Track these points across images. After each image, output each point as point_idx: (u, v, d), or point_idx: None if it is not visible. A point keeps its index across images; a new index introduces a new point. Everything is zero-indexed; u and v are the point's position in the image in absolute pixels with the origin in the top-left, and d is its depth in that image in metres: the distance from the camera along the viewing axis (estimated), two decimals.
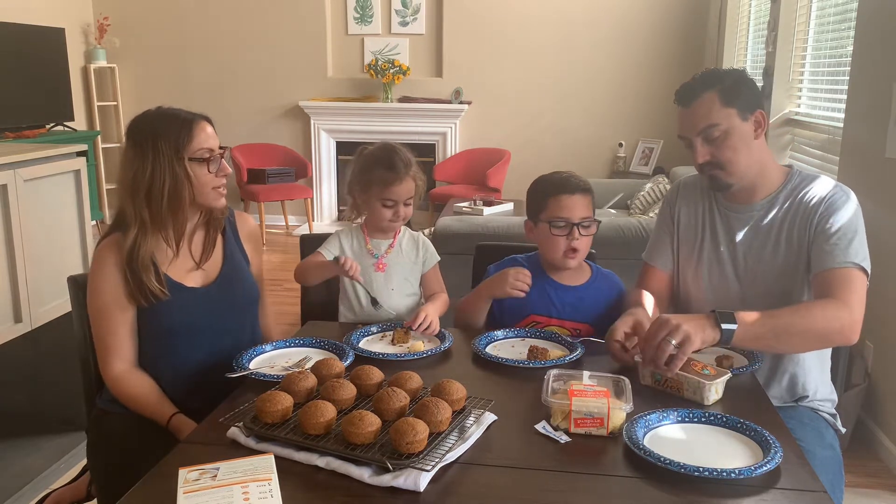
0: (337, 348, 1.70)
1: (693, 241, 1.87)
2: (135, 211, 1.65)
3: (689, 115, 1.71)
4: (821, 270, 1.65)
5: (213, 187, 1.71)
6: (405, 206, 1.96)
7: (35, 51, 5.63)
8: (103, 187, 6.66)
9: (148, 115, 1.73)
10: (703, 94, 1.69)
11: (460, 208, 4.74)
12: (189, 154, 1.67)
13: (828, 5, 3.83)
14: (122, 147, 1.73)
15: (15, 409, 2.86)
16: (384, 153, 1.97)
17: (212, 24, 6.65)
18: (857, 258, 1.63)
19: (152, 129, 1.67)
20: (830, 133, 3.50)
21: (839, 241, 1.64)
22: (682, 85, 1.76)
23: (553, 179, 1.93)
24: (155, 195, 1.64)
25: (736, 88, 1.69)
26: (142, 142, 1.66)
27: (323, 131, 6.67)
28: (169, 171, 1.64)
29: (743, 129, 1.69)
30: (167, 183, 1.64)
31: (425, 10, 6.49)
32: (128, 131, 1.72)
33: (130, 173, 1.66)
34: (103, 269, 1.66)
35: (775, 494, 1.16)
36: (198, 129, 1.69)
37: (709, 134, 1.69)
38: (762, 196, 1.77)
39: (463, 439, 1.28)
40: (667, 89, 7.10)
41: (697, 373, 1.48)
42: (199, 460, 1.10)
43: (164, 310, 1.68)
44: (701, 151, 1.71)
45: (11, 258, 2.75)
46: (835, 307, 1.58)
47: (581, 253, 1.90)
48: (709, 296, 1.83)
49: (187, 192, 1.66)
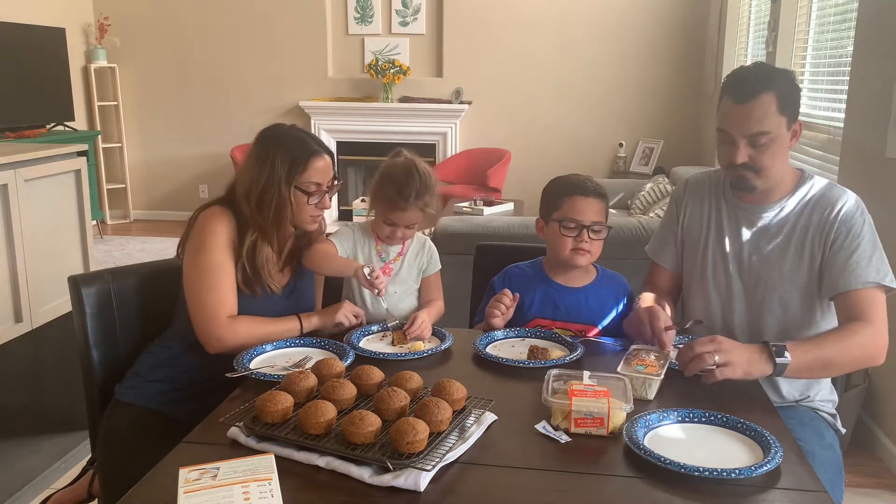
0: (337, 348, 1.71)
1: (698, 238, 1.86)
2: (251, 214, 1.79)
3: (743, 114, 1.64)
4: (845, 291, 1.65)
5: (310, 214, 1.84)
6: (406, 230, 1.94)
7: (35, 51, 5.63)
8: (104, 187, 6.66)
9: (280, 130, 1.86)
10: (762, 94, 1.62)
11: (460, 208, 4.74)
12: (297, 182, 1.79)
13: (828, 5, 3.83)
14: (250, 148, 1.86)
15: (15, 409, 2.86)
16: (402, 174, 1.90)
17: (212, 24, 6.65)
18: (879, 276, 1.64)
19: (276, 147, 1.80)
20: (830, 133, 3.50)
21: (860, 260, 1.64)
22: (735, 76, 1.69)
23: (569, 180, 1.93)
24: (265, 205, 1.79)
25: (790, 94, 1.65)
26: (264, 154, 1.80)
27: (323, 131, 6.67)
28: (277, 190, 1.78)
29: (785, 139, 1.67)
30: (275, 199, 1.78)
31: (425, 10, 6.49)
32: (258, 138, 1.85)
33: (249, 178, 1.80)
34: (217, 233, 1.77)
35: (775, 494, 1.16)
36: (313, 162, 1.80)
37: (757, 140, 1.64)
38: (775, 198, 1.76)
39: (463, 439, 1.28)
40: (667, 89, 7.11)
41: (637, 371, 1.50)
42: (199, 460, 1.10)
43: (246, 302, 1.78)
44: (742, 152, 1.66)
45: (12, 258, 2.76)
46: (872, 334, 1.61)
47: (591, 255, 1.89)
48: (712, 294, 1.83)
49: (288, 212, 1.81)
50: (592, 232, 1.87)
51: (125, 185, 6.87)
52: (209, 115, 6.65)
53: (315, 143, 1.84)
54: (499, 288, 1.99)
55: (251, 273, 1.79)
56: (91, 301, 1.83)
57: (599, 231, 1.88)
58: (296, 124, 1.90)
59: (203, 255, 1.76)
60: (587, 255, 1.89)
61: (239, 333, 1.73)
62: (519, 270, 2.01)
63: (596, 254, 1.91)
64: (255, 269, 1.79)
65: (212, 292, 1.74)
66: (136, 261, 1.77)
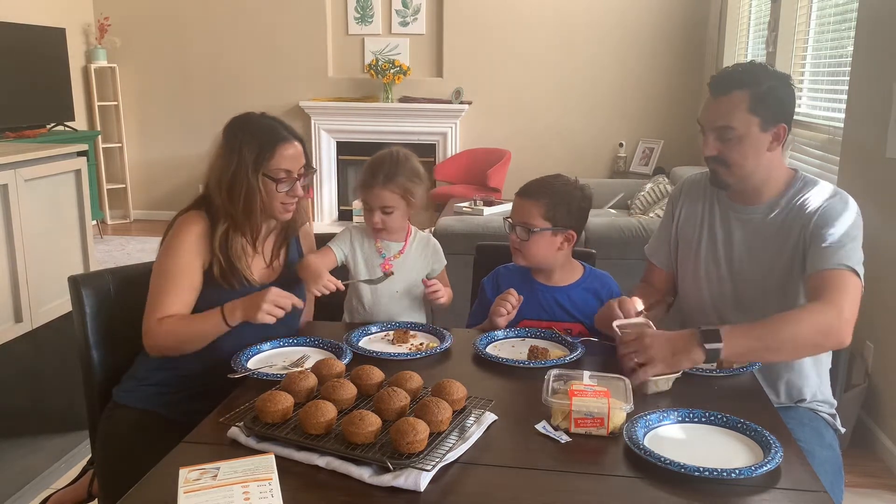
0: (334, 347, 1.71)
1: (691, 238, 1.87)
2: (223, 205, 1.77)
3: (713, 107, 1.69)
4: (813, 272, 1.63)
5: (280, 202, 1.79)
6: (384, 215, 1.94)
7: (36, 51, 5.63)
8: (104, 187, 6.66)
9: (247, 118, 1.83)
10: (734, 91, 1.65)
11: (460, 208, 4.74)
12: (265, 170, 1.76)
13: (828, 5, 3.83)
14: (218, 139, 1.82)
15: (15, 409, 2.86)
16: (379, 157, 1.96)
17: (212, 24, 6.65)
18: (850, 261, 1.60)
19: (243, 136, 1.77)
20: (831, 133, 3.50)
21: (832, 245, 1.63)
22: (720, 71, 1.74)
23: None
24: (234, 195, 1.75)
25: (768, 96, 1.65)
26: (232, 142, 1.77)
27: (323, 131, 6.67)
28: (246, 178, 1.75)
29: (759, 139, 1.67)
30: (244, 189, 1.75)
31: (425, 10, 6.49)
32: (226, 128, 1.81)
33: (218, 168, 1.78)
34: (186, 237, 1.75)
35: (775, 494, 1.16)
36: (281, 149, 1.77)
37: (723, 134, 1.67)
38: (766, 199, 1.76)
39: (463, 439, 1.28)
40: (667, 89, 7.11)
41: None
42: (199, 460, 1.10)
43: (226, 297, 1.74)
44: (710, 145, 1.70)
45: (12, 258, 2.76)
46: (822, 310, 1.55)
47: (522, 253, 1.89)
48: (705, 295, 1.83)
49: (258, 201, 1.76)
50: (518, 229, 1.88)
51: (125, 185, 6.87)
52: (209, 115, 6.63)
53: (284, 130, 1.80)
54: (489, 288, 2.00)
55: (226, 265, 1.75)
56: (91, 301, 1.83)
57: (521, 232, 1.87)
58: (266, 112, 1.85)
59: (161, 259, 1.76)
60: (518, 254, 1.90)
61: (160, 333, 1.70)
62: (506, 270, 2.02)
63: (528, 255, 1.89)
64: (228, 259, 1.76)
65: (154, 296, 1.73)
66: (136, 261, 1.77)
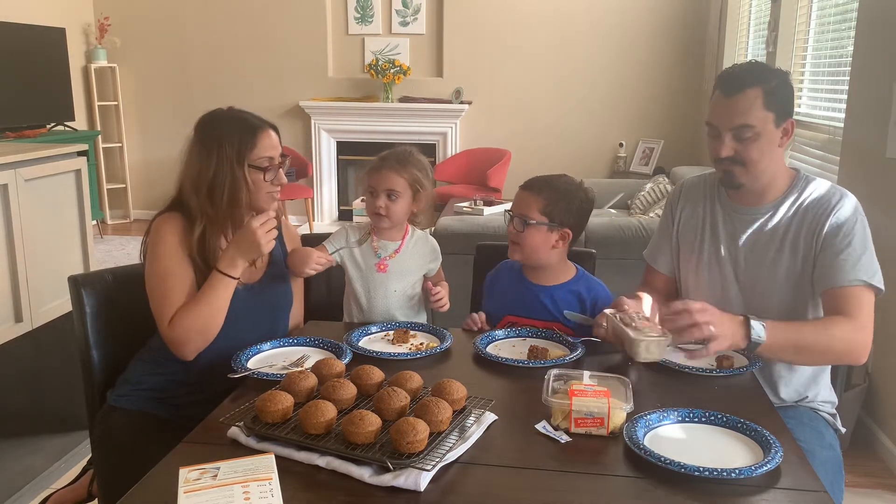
0: (334, 347, 1.71)
1: (693, 241, 1.86)
2: (199, 206, 1.73)
3: (728, 107, 1.67)
4: (831, 287, 1.64)
5: (267, 192, 1.78)
6: (388, 200, 1.95)
7: (36, 51, 5.63)
8: (104, 187, 6.66)
9: (218, 114, 1.80)
10: (748, 89, 1.65)
11: (460, 208, 4.74)
12: (250, 161, 1.74)
13: (828, 5, 3.82)
14: (190, 140, 1.79)
15: (15, 409, 2.86)
16: (392, 149, 2.01)
17: (212, 24, 6.65)
18: (867, 275, 1.63)
19: (219, 131, 1.75)
20: (831, 133, 3.50)
21: (848, 258, 1.63)
22: (727, 71, 1.73)
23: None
24: (216, 193, 1.73)
25: (779, 92, 1.66)
26: (208, 142, 1.74)
27: (323, 131, 6.67)
28: (230, 173, 1.72)
29: (773, 135, 1.67)
30: (227, 184, 1.72)
31: (426, 10, 6.48)
32: (197, 127, 1.78)
33: (195, 169, 1.74)
34: (170, 237, 1.72)
35: (775, 494, 1.16)
36: (261, 137, 1.76)
37: (741, 133, 1.66)
38: (769, 199, 1.76)
39: (463, 439, 1.28)
40: (667, 89, 7.11)
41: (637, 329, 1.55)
42: (199, 460, 1.10)
43: None
44: (728, 146, 1.68)
45: (12, 258, 2.76)
46: (852, 329, 1.60)
47: (517, 246, 1.91)
48: (708, 298, 1.82)
49: (244, 194, 1.74)
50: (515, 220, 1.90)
51: (125, 185, 6.87)
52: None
53: (257, 119, 1.80)
54: (489, 283, 2.04)
55: (203, 266, 1.73)
56: (91, 301, 1.83)
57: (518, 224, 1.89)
58: (233, 106, 1.84)
59: (151, 264, 1.74)
60: (514, 247, 1.92)
61: (177, 335, 1.68)
62: (507, 266, 2.04)
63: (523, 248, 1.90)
64: (205, 261, 1.73)
65: (157, 304, 1.71)
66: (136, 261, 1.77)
